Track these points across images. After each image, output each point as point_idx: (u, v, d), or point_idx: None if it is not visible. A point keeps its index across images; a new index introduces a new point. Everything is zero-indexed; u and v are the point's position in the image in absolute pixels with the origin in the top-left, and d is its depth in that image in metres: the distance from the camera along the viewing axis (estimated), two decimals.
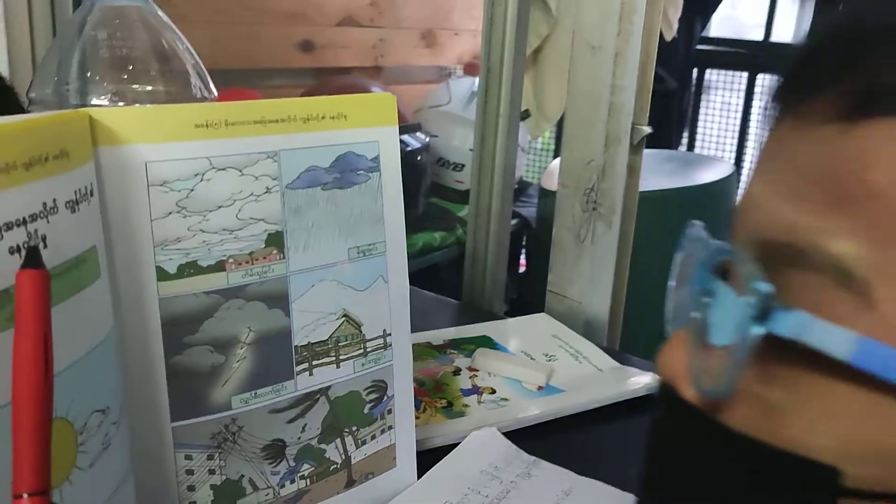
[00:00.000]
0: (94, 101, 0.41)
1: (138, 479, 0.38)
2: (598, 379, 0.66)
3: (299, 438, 0.43)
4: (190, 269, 0.38)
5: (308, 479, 0.44)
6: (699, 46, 2.41)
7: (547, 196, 1.61)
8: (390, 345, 0.47)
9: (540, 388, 0.64)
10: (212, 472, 0.40)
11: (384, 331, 0.46)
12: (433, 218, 1.74)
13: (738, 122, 2.45)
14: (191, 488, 0.39)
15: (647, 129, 0.76)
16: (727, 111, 2.49)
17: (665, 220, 1.53)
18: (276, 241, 0.41)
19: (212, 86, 0.46)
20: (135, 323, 0.37)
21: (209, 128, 0.38)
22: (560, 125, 2.12)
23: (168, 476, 0.39)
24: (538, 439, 0.55)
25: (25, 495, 0.23)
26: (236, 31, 1.63)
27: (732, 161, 2.39)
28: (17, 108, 0.51)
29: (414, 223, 1.68)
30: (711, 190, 1.57)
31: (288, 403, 0.42)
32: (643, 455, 0.29)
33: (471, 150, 0.95)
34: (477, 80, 0.92)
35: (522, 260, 2.13)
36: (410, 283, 0.47)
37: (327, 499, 0.45)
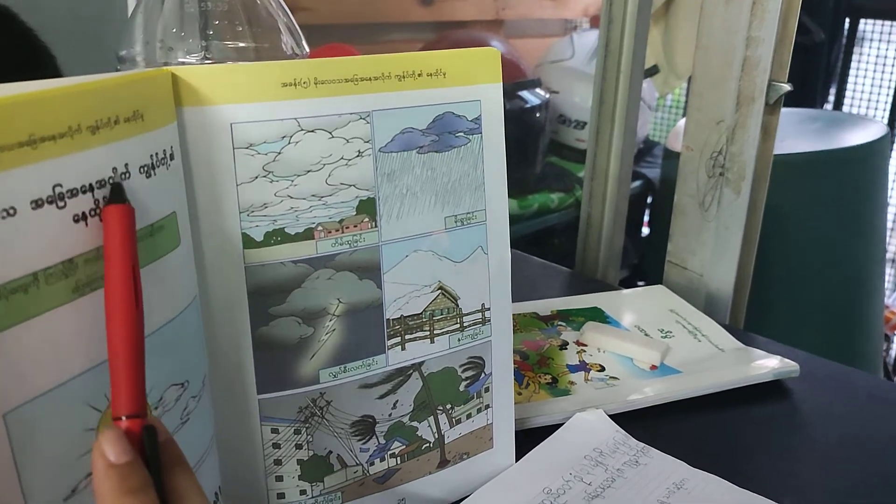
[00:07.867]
0: (181, 59, 0.40)
1: (223, 452, 0.37)
2: (718, 360, 0.60)
3: (390, 415, 0.41)
4: (277, 236, 0.36)
5: (399, 458, 0.42)
6: None
7: (671, 158, 1.52)
8: (489, 320, 0.44)
9: (654, 367, 0.59)
10: (299, 446, 0.39)
11: (483, 305, 0.43)
12: (551, 178, 1.69)
13: (895, 77, 2.23)
14: (277, 462, 0.38)
15: (787, 87, 0.68)
16: (882, 66, 2.27)
17: (804, 186, 1.40)
18: (367, 208, 0.38)
19: (304, 43, 0.43)
20: (220, 292, 0.35)
21: (297, 87, 0.35)
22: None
23: (254, 450, 0.38)
24: (649, 424, 0.52)
25: (124, 417, 0.25)
26: None
27: (885, 121, 2.18)
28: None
29: (530, 183, 1.63)
30: (858, 153, 1.42)
31: (379, 379, 0.40)
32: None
33: None
34: None
35: (647, 222, 2.05)
36: (523, 247, 0.44)
37: (419, 478, 0.43)
